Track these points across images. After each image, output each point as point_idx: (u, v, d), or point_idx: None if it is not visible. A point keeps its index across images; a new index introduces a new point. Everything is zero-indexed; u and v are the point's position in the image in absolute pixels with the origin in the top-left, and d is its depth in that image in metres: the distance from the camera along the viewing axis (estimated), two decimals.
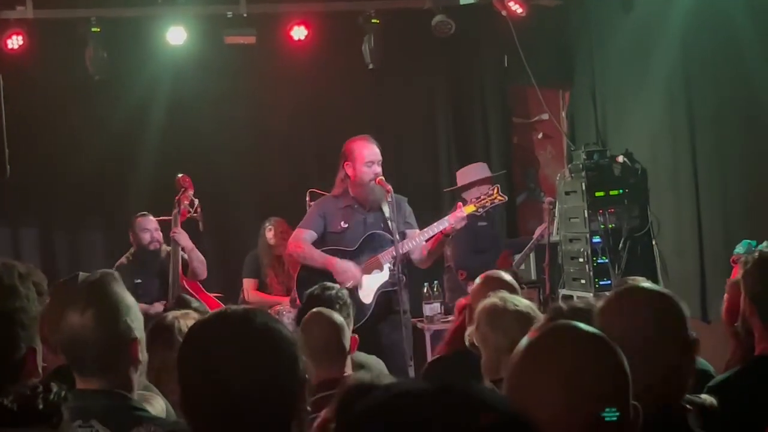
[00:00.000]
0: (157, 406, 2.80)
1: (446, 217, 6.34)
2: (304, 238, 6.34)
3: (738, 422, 2.92)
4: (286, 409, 1.96)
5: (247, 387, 1.91)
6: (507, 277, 4.54)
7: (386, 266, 6.16)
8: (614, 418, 1.74)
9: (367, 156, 6.24)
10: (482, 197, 6.29)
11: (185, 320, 3.43)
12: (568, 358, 1.80)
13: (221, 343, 1.95)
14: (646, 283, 2.54)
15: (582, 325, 1.88)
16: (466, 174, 7.82)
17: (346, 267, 6.16)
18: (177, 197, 7.23)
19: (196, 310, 3.79)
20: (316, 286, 4.80)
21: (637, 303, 2.47)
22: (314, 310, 4.14)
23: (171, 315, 3.42)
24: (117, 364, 2.53)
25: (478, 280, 4.61)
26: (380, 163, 6.26)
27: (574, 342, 1.84)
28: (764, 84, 6.29)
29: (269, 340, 1.94)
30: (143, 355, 2.59)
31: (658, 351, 2.35)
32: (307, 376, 1.97)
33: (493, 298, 3.67)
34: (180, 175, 7.35)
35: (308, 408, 2.03)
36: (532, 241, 7.52)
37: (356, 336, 4.26)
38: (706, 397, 2.58)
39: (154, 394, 2.89)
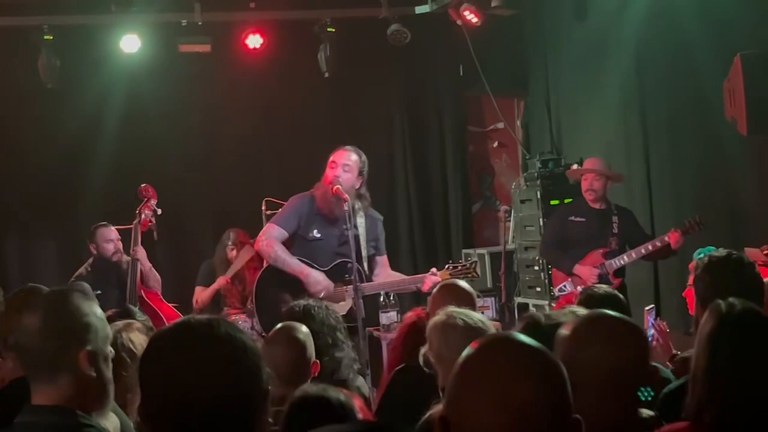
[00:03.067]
0: (113, 420, 2.74)
1: (424, 275, 6.28)
2: (275, 236, 6.20)
3: None
4: (248, 419, 1.94)
5: (209, 397, 1.89)
6: (464, 285, 4.51)
7: (350, 300, 6.06)
8: None
9: (332, 157, 6.22)
10: (459, 267, 6.28)
11: (128, 332, 3.36)
12: (504, 376, 1.63)
13: (183, 353, 1.92)
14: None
15: (522, 338, 1.72)
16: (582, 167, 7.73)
17: (319, 278, 6.08)
18: (139, 207, 6.97)
19: (143, 323, 3.68)
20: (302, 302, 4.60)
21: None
22: (279, 325, 3.92)
23: (114, 327, 3.30)
24: (60, 374, 2.43)
25: (435, 289, 4.59)
26: (347, 168, 6.18)
27: (510, 357, 1.66)
28: (716, 92, 6.36)
29: (232, 350, 1.92)
30: (93, 369, 2.47)
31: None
32: (270, 387, 1.96)
33: (442, 315, 3.60)
34: (143, 185, 7.07)
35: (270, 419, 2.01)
36: (636, 248, 6.92)
37: (318, 362, 4.06)
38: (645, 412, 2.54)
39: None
